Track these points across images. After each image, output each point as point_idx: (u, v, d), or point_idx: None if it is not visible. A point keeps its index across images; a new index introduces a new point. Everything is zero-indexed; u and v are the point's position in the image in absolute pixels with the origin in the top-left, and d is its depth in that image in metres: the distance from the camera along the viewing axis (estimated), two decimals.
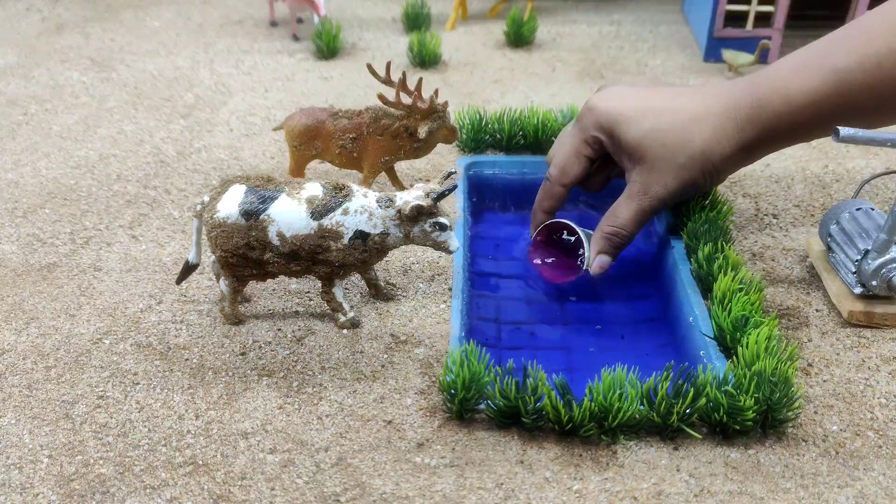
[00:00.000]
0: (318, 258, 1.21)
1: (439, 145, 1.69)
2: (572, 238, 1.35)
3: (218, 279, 1.28)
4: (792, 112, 1.18)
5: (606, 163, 1.38)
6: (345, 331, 1.28)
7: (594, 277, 1.33)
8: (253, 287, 1.38)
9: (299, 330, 1.29)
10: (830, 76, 1.15)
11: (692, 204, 1.41)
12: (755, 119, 1.20)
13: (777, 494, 0.99)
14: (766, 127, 1.20)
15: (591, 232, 1.34)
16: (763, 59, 2.22)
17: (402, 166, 1.73)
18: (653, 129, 1.22)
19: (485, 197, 1.64)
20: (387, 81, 1.52)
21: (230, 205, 1.18)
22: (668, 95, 1.27)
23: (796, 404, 1.06)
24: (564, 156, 1.34)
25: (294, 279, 1.40)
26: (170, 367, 1.21)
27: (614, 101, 1.27)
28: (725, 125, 1.21)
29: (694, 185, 1.26)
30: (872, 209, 1.32)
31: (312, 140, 1.56)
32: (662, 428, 1.07)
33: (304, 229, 1.18)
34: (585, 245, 1.30)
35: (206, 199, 1.23)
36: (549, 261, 1.38)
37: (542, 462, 1.04)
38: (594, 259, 1.30)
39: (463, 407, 1.09)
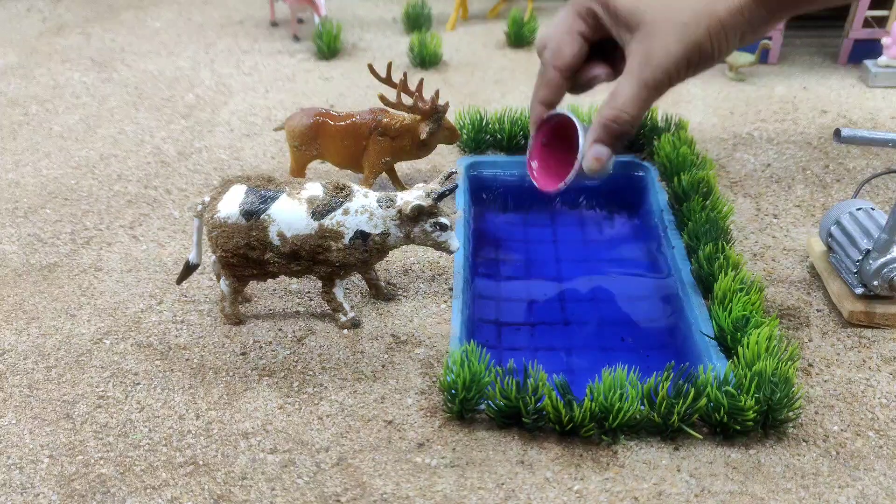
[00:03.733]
0: (318, 258, 1.21)
1: (440, 145, 1.69)
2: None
3: (218, 279, 1.28)
4: None
5: (604, 52, 1.22)
6: (345, 331, 1.28)
7: (592, 179, 1.15)
8: (253, 287, 1.38)
9: (300, 330, 1.29)
10: None
11: (693, 204, 1.41)
12: None
13: (778, 495, 0.99)
14: None
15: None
16: (763, 59, 2.22)
17: (402, 167, 1.73)
18: None
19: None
20: (387, 81, 1.52)
21: (231, 205, 1.18)
22: None
23: (797, 404, 1.06)
24: (556, 36, 1.14)
25: (294, 279, 1.40)
26: (170, 367, 1.21)
27: None
28: None
29: (700, 52, 1.10)
30: (872, 209, 1.32)
31: (313, 140, 1.56)
32: (663, 428, 1.07)
33: (305, 229, 1.18)
34: (581, 139, 1.09)
35: (207, 199, 1.23)
36: (548, 167, 1.19)
37: (542, 462, 1.04)
38: (589, 150, 1.07)
39: (463, 407, 1.09)
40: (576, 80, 1.22)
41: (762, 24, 1.15)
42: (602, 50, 1.20)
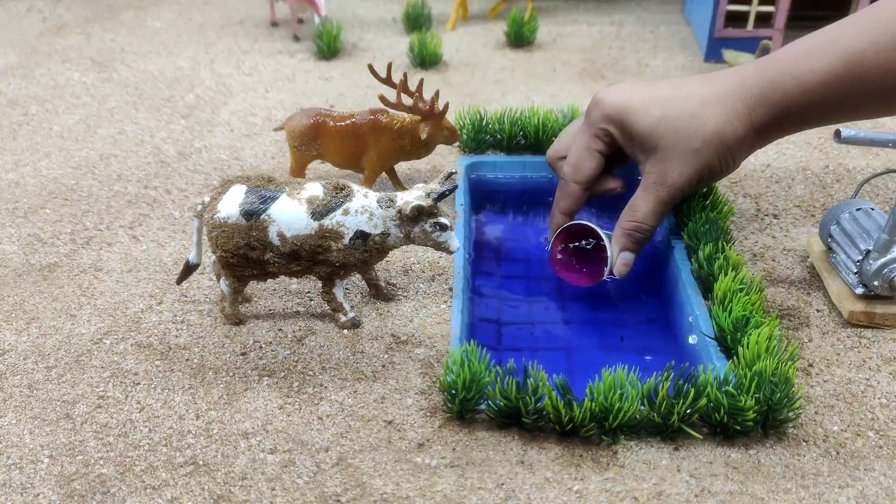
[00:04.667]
0: (318, 258, 1.21)
1: (440, 145, 1.69)
2: (589, 245, 1.33)
3: (218, 279, 1.28)
4: (805, 92, 1.15)
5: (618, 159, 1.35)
6: (345, 331, 1.28)
7: (619, 278, 1.30)
8: (253, 287, 1.38)
9: (300, 330, 1.29)
10: (843, 57, 1.12)
11: (693, 204, 1.41)
12: (766, 99, 1.17)
13: (778, 495, 0.99)
14: (778, 108, 1.17)
15: (611, 233, 1.30)
16: None
17: (402, 167, 1.73)
18: (664, 117, 1.20)
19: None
20: (387, 82, 1.53)
21: (231, 205, 1.18)
22: (676, 84, 1.25)
23: (797, 404, 1.06)
24: (576, 153, 1.32)
25: (294, 279, 1.40)
26: (170, 368, 1.21)
27: (621, 93, 1.26)
28: (736, 106, 1.19)
29: (710, 171, 1.23)
30: (872, 209, 1.32)
31: (313, 140, 1.56)
32: (663, 428, 1.07)
33: (305, 229, 1.19)
34: (608, 247, 1.28)
35: (207, 199, 1.23)
36: (570, 264, 1.36)
37: (542, 462, 1.04)
38: (617, 257, 1.27)
39: (463, 407, 1.09)
40: (592, 190, 1.36)
41: (764, 144, 1.26)
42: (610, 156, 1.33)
